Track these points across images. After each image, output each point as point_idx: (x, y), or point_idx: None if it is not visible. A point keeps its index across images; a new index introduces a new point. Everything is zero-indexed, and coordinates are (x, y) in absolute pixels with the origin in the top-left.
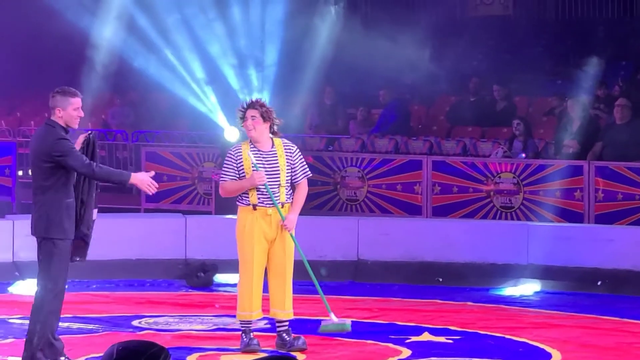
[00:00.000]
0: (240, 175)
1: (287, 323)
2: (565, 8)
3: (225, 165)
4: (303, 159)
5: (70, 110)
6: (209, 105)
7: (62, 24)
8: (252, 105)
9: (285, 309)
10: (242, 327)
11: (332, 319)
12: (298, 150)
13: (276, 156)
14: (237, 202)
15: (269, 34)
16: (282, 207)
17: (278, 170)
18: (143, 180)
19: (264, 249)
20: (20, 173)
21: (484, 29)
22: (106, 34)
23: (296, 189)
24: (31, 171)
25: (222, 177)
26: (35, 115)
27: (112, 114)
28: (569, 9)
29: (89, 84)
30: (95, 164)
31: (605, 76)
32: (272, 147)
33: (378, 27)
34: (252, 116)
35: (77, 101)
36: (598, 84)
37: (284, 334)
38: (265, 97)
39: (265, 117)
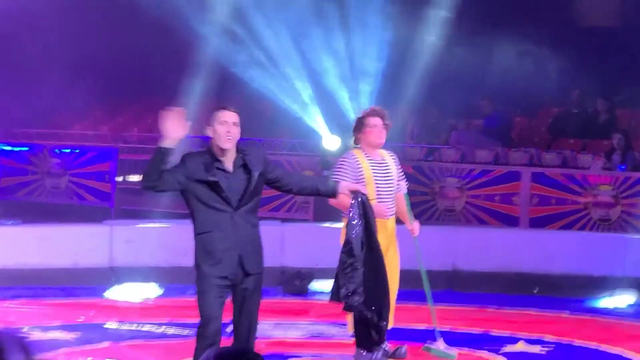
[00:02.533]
0: (359, 183)
1: None
2: None
3: (339, 172)
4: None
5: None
6: (312, 115)
7: (165, 31)
8: (380, 114)
9: (390, 320)
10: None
11: (439, 345)
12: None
13: (388, 165)
14: (342, 213)
15: (373, 44)
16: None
17: (392, 178)
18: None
19: None
20: (120, 179)
21: (589, 40)
22: (211, 42)
23: (400, 199)
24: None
25: None
26: (137, 121)
27: None
28: None
29: (192, 92)
30: None
31: None
32: (382, 157)
33: (481, 37)
34: (382, 125)
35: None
36: None
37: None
38: (366, 105)
39: (387, 127)
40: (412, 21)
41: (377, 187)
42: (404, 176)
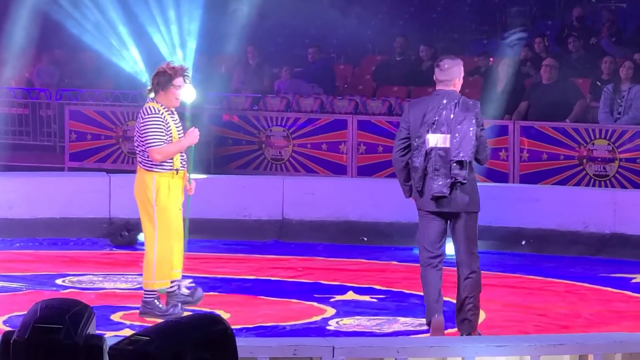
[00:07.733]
0: (167, 139)
1: None
2: None
3: (156, 129)
4: None
5: None
6: (134, 64)
7: None
8: (187, 74)
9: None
10: (149, 295)
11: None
12: None
13: (180, 122)
14: (153, 168)
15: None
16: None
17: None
18: None
19: None
20: None
21: None
22: None
23: None
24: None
25: (157, 142)
26: None
27: (37, 72)
28: None
29: (13, 41)
30: None
31: (531, 35)
32: (173, 111)
33: None
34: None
35: None
36: (524, 43)
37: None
38: (190, 56)
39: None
40: None
41: None
42: None
